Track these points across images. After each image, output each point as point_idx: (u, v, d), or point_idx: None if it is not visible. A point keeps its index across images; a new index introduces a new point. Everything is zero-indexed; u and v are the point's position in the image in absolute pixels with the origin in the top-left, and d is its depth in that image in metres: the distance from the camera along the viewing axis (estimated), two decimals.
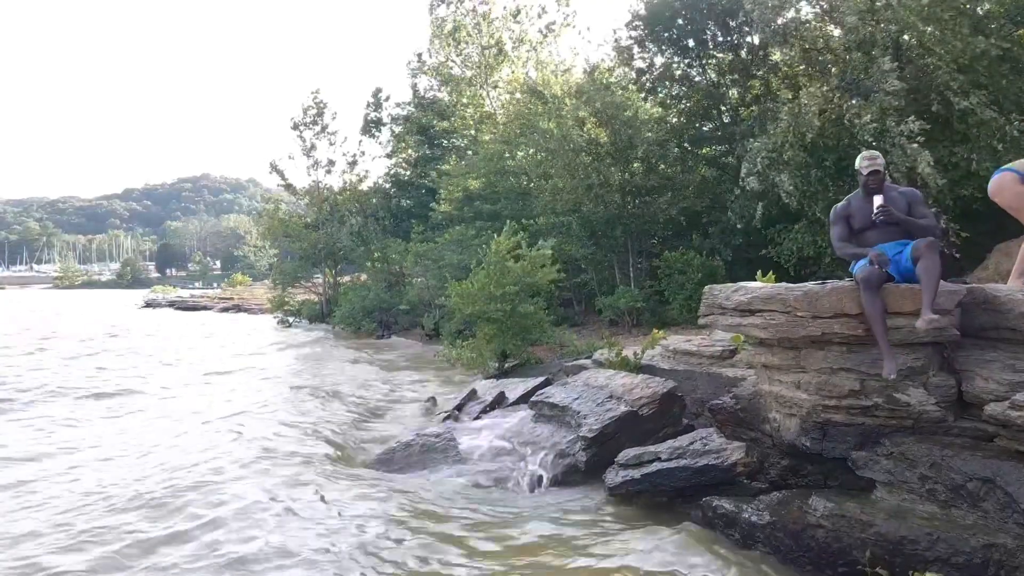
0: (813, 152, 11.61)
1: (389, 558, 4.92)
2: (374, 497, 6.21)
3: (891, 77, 10.21)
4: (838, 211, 5.17)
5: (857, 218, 5.01)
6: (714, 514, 4.86)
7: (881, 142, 10.27)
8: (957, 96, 9.94)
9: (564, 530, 5.42)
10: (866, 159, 5.00)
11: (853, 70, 11.08)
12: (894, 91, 10.16)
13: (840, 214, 5.14)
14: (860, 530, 4.08)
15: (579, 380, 7.88)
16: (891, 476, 4.35)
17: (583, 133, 15.97)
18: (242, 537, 5.19)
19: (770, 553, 4.43)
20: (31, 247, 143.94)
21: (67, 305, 48.89)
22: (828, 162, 11.54)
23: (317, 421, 9.29)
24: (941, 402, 4.47)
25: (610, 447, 6.30)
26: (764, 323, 4.94)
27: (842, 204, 5.22)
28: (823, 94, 11.43)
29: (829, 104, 11.36)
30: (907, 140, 9.90)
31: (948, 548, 3.77)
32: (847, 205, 5.14)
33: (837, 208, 5.21)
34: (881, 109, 10.31)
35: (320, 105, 30.00)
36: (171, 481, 6.53)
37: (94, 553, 4.95)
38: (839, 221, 5.12)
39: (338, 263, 30.51)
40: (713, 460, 5.46)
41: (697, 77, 16.38)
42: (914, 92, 10.63)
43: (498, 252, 12.72)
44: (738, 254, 14.54)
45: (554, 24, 27.31)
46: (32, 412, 10.45)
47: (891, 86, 10.15)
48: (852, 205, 5.09)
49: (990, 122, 9.85)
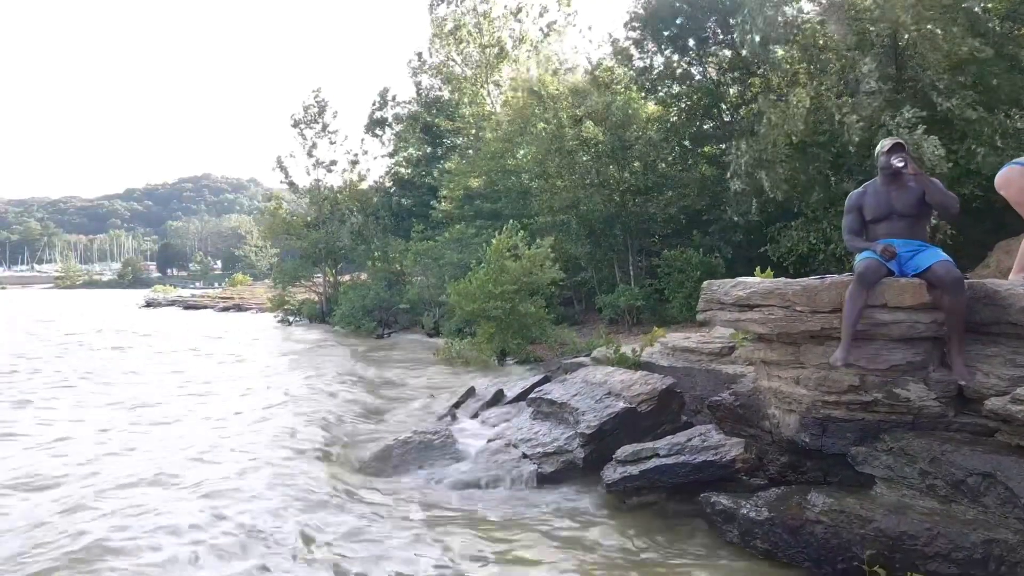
0: (804, 150, 11.64)
1: (383, 555, 4.89)
2: (370, 497, 6.18)
3: (872, 79, 10.23)
4: (852, 200, 5.03)
5: (870, 208, 4.89)
6: (712, 510, 4.82)
7: (872, 137, 10.27)
8: (941, 96, 9.93)
9: (562, 527, 5.38)
10: (886, 145, 4.83)
11: (851, 68, 11.08)
12: (872, 92, 10.18)
13: (854, 203, 5.00)
14: (859, 526, 4.04)
15: (578, 377, 7.85)
16: (891, 471, 4.31)
17: (580, 133, 15.94)
18: (230, 531, 5.16)
19: (769, 549, 4.38)
20: (32, 247, 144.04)
21: (69, 305, 48.85)
22: (820, 160, 11.56)
23: (312, 420, 9.26)
24: (941, 397, 4.43)
25: (608, 444, 6.26)
26: (763, 318, 4.91)
27: (857, 192, 5.07)
28: (816, 93, 11.46)
29: (821, 103, 11.38)
30: (908, 131, 9.87)
31: (948, 543, 3.73)
32: (862, 194, 5.00)
33: (852, 196, 5.06)
34: (870, 108, 10.33)
35: (321, 104, 29.99)
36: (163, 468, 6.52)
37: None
38: (852, 211, 4.99)
39: (338, 262, 30.51)
40: (712, 456, 5.43)
41: (697, 75, 16.35)
42: (911, 90, 10.63)
43: (497, 251, 12.71)
44: (739, 252, 14.51)
45: (555, 24, 27.32)
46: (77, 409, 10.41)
47: (869, 87, 10.17)
48: (867, 194, 4.95)
49: (979, 121, 9.84)
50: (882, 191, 4.87)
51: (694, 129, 16.74)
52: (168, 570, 4.50)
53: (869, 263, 4.59)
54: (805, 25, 12.52)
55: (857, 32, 11.05)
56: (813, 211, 12.24)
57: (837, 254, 11.71)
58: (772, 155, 11.51)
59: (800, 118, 11.07)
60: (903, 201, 4.77)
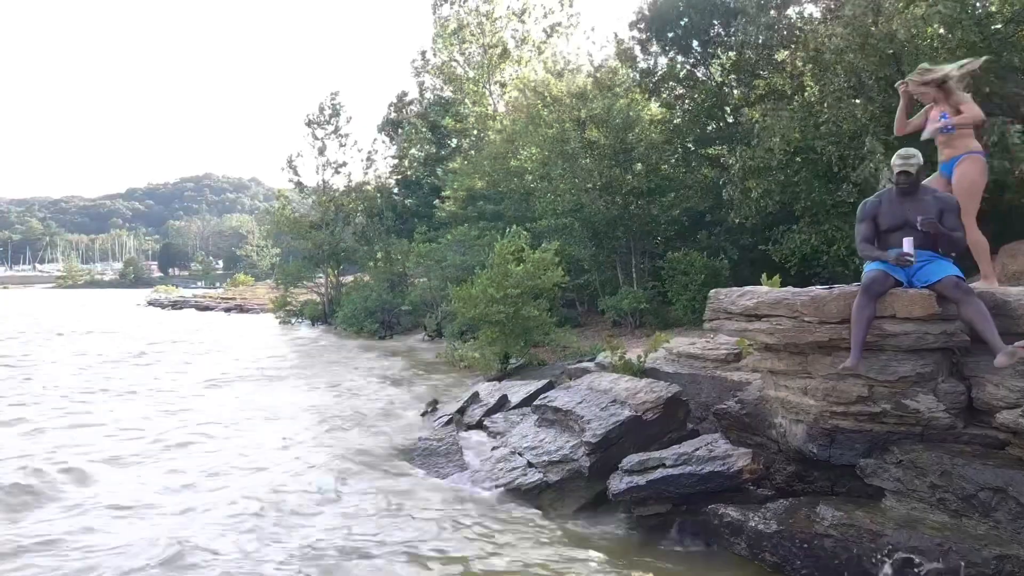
0: (800, 154, 11.64)
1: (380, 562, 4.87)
2: (371, 502, 6.16)
3: (870, 82, 10.30)
4: (867, 209, 4.94)
5: (885, 218, 4.82)
6: (720, 522, 4.78)
7: (860, 148, 10.27)
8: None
9: (566, 536, 5.36)
10: (900, 158, 4.74)
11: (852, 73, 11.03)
12: (871, 97, 10.21)
13: (868, 212, 4.92)
14: (870, 540, 4.00)
15: (582, 384, 7.80)
16: (900, 484, 4.28)
17: (582, 135, 15.88)
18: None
19: (778, 562, 4.35)
20: (34, 247, 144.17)
21: (70, 306, 48.74)
22: (818, 165, 11.53)
23: (311, 426, 9.25)
24: (950, 409, 4.40)
25: (614, 453, 6.22)
26: (771, 328, 4.88)
27: (872, 201, 4.97)
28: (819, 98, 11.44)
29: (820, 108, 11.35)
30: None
31: (959, 559, 3.70)
32: (877, 203, 4.91)
33: (866, 205, 4.98)
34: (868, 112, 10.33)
35: (336, 107, 30.27)
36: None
37: None
38: (865, 219, 4.91)
39: (340, 263, 30.53)
40: (719, 466, 5.39)
41: (702, 77, 16.29)
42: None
43: (501, 254, 12.67)
44: (744, 254, 14.45)
45: (559, 25, 27.27)
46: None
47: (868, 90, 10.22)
48: (882, 203, 4.87)
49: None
50: (896, 202, 4.82)
51: (697, 131, 16.67)
52: None
53: (876, 275, 4.55)
54: (807, 27, 12.47)
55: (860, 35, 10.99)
56: (814, 213, 12.19)
57: (840, 255, 11.66)
58: (765, 162, 11.55)
59: (797, 124, 11.05)
60: (917, 213, 4.71)
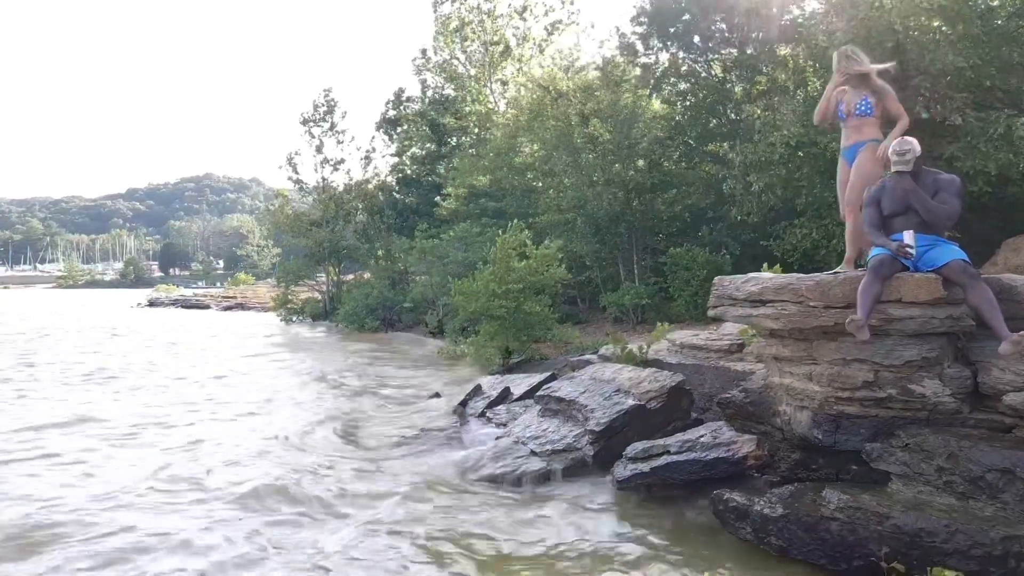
0: (802, 148, 11.62)
1: (388, 553, 4.86)
2: (376, 493, 6.15)
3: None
4: (872, 194, 5.00)
5: (887, 202, 4.87)
6: (725, 507, 4.77)
7: None
8: (918, 107, 9.88)
9: (572, 523, 5.35)
10: (896, 155, 4.81)
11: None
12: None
13: (874, 197, 4.97)
14: (876, 522, 3.99)
15: (586, 374, 7.81)
16: (907, 468, 4.27)
17: (585, 130, 15.88)
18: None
19: (784, 546, 4.34)
20: (35, 247, 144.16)
21: (72, 306, 48.73)
22: (821, 159, 11.51)
23: (315, 421, 9.23)
24: (956, 394, 4.40)
25: (618, 441, 6.23)
26: (776, 314, 4.87)
27: (876, 187, 5.03)
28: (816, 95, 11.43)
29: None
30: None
31: (967, 540, 3.69)
32: (881, 188, 4.97)
33: (872, 190, 5.04)
34: None
35: (331, 103, 30.20)
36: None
37: None
38: (871, 204, 4.96)
39: (341, 261, 30.53)
40: (723, 453, 5.39)
41: (703, 73, 16.28)
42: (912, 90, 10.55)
43: (503, 249, 12.67)
44: (745, 249, 14.44)
45: (560, 22, 27.26)
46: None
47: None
48: (885, 188, 4.94)
49: (962, 127, 9.77)
50: (898, 187, 4.83)
51: (699, 127, 16.66)
52: None
53: (884, 257, 4.56)
54: (810, 22, 12.45)
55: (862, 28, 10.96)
56: (816, 208, 12.19)
57: (841, 250, 11.66)
58: (767, 156, 11.54)
59: (798, 119, 11.04)
60: (917, 199, 4.72)
